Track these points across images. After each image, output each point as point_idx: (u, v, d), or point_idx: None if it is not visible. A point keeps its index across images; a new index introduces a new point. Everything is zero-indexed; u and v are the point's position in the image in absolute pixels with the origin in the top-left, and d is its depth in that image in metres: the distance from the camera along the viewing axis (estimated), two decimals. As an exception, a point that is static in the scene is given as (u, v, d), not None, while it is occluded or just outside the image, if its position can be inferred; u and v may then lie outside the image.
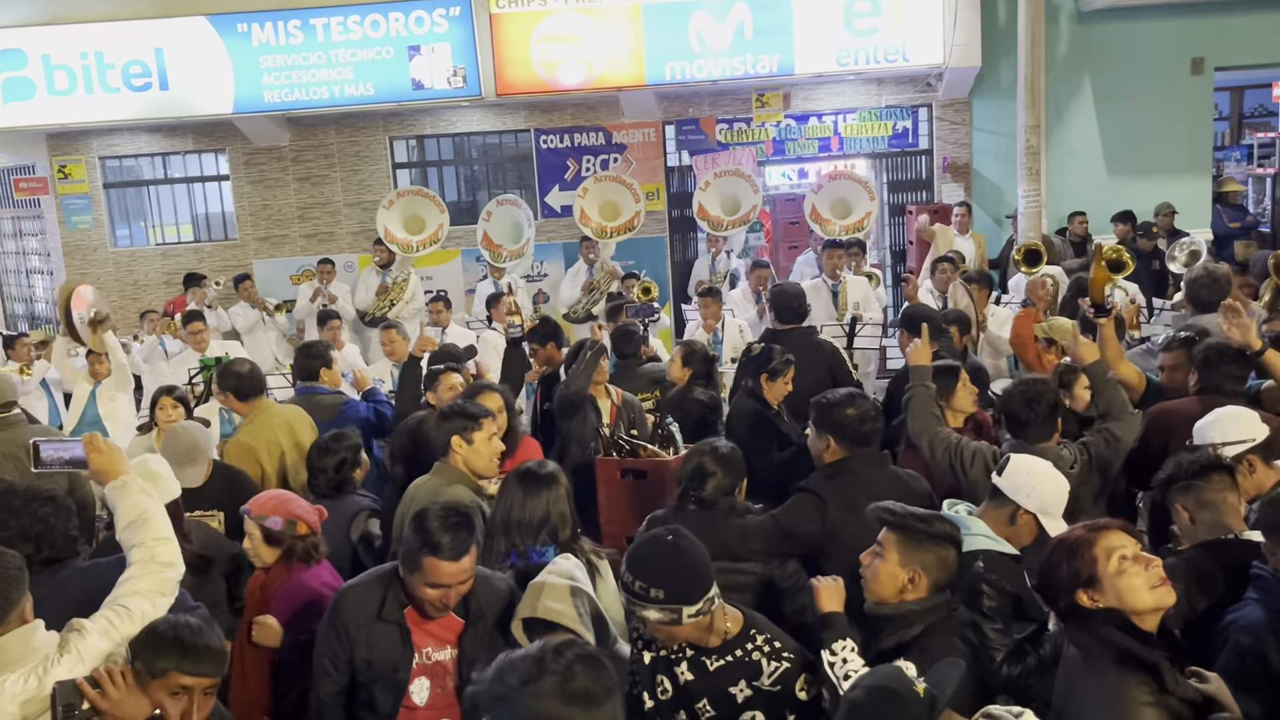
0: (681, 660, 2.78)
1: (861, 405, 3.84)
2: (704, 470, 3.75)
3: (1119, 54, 12.06)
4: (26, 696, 2.49)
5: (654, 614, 2.63)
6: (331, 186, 13.20)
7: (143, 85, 12.06)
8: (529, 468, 3.52)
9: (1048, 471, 3.35)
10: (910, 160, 12.97)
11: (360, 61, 11.94)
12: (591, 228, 10.44)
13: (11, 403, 5.65)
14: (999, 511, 3.34)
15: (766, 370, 5.22)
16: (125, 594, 2.78)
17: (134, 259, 13.56)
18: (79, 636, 2.62)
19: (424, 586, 2.93)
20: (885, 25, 11.62)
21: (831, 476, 3.80)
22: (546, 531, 3.37)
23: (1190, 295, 5.65)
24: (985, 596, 3.00)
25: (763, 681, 2.71)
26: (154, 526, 2.91)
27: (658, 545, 2.70)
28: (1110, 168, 12.32)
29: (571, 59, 11.79)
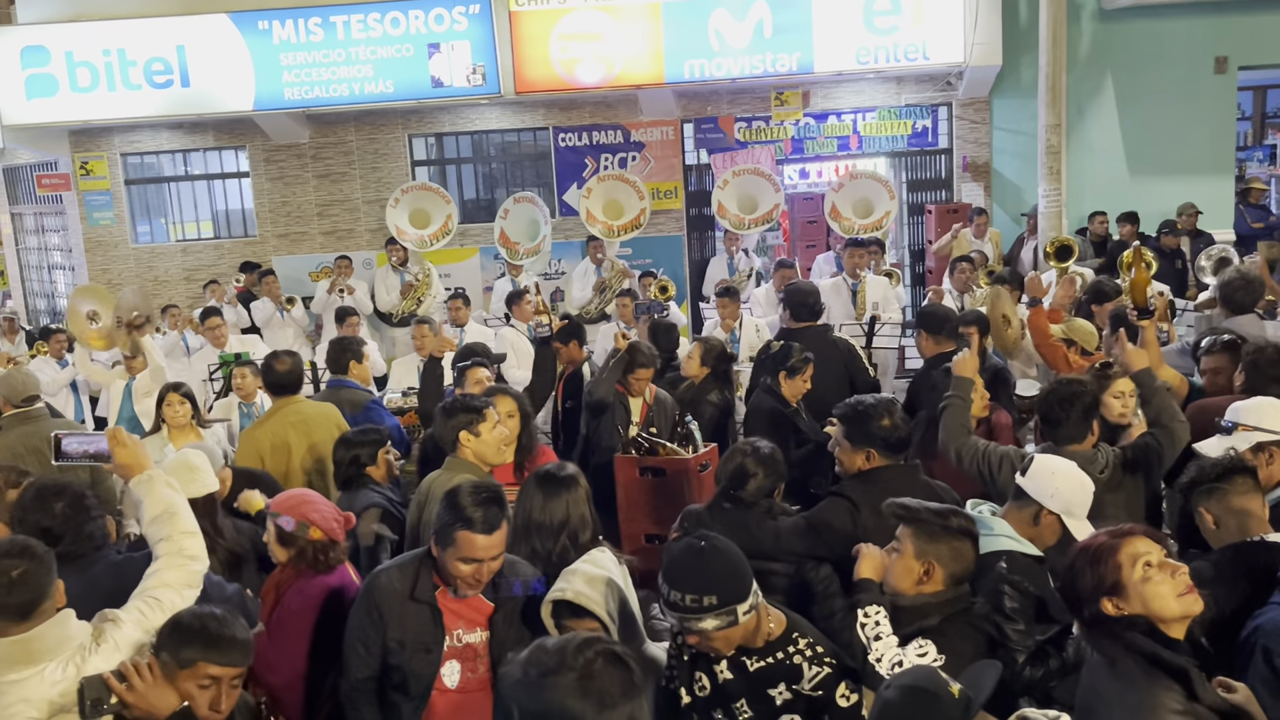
0: (721, 658, 2.75)
1: (894, 413, 3.81)
2: (745, 471, 3.76)
3: (1142, 53, 11.98)
4: (65, 686, 2.53)
5: (710, 623, 2.59)
6: (350, 184, 13.25)
7: (164, 82, 12.13)
8: (549, 470, 3.53)
9: (1071, 472, 3.33)
10: (929, 159, 12.92)
11: (380, 59, 11.97)
12: (599, 227, 10.44)
13: (34, 396, 5.71)
14: (1022, 512, 3.33)
15: (785, 368, 5.23)
16: (154, 586, 2.83)
17: (154, 255, 13.64)
18: (114, 626, 2.67)
19: (457, 562, 2.96)
20: (905, 24, 11.57)
21: (865, 482, 3.79)
22: (566, 534, 3.38)
23: (1224, 298, 5.60)
24: (1007, 597, 3.00)
25: (803, 685, 2.69)
26: (180, 520, 2.95)
27: (695, 553, 2.65)
28: (1132, 167, 12.24)
29: (590, 57, 11.79)
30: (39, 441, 5.18)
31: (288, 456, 5.16)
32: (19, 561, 2.56)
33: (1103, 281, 6.61)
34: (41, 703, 2.50)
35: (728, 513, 3.71)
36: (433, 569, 3.07)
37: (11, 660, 2.52)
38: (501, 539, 2.99)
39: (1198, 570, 3.00)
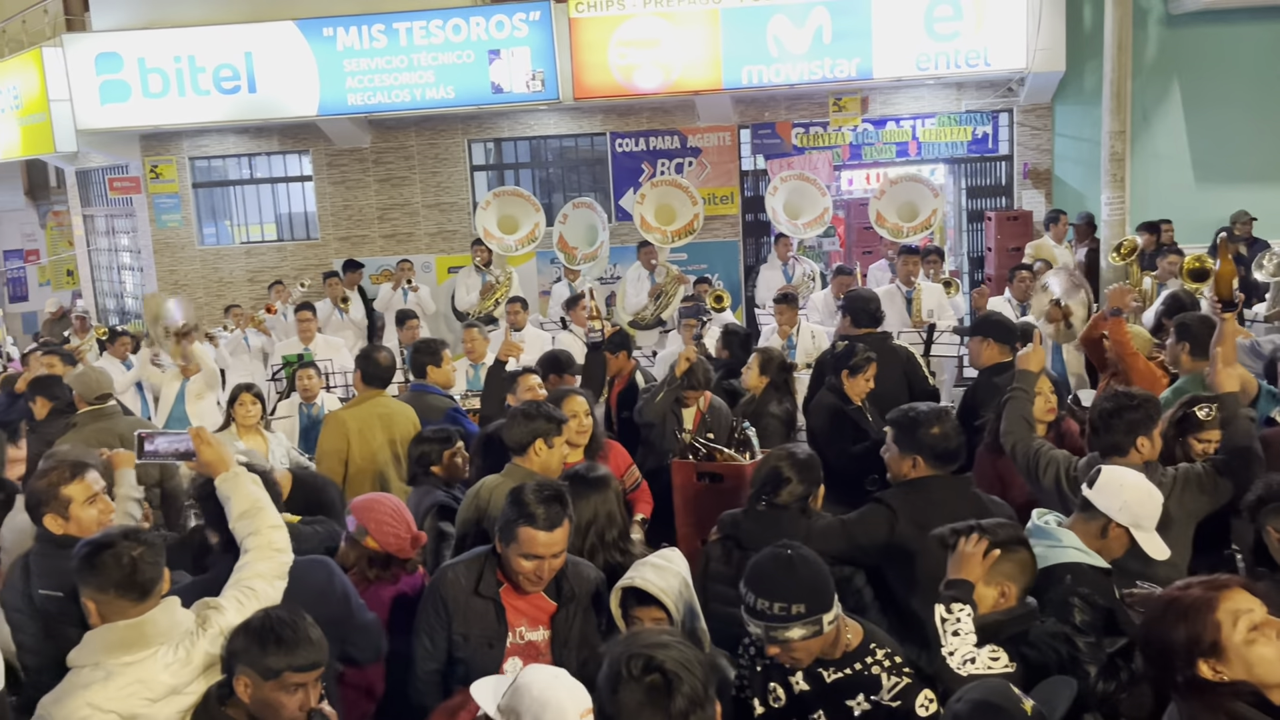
0: (797, 670, 2.75)
1: (946, 423, 3.76)
2: (780, 475, 3.75)
3: (1210, 58, 11.75)
4: (178, 667, 2.64)
5: (797, 632, 2.59)
6: (411, 188, 13.43)
7: (232, 88, 12.41)
8: (579, 471, 3.60)
9: (1140, 484, 3.25)
10: (990, 166, 12.78)
11: (441, 65, 12.13)
12: (654, 233, 10.47)
13: (107, 394, 5.88)
14: (1090, 524, 3.26)
15: (848, 366, 5.24)
16: (248, 577, 2.94)
17: (219, 257, 13.94)
18: (218, 613, 2.78)
19: (519, 558, 3.03)
20: (967, 29, 11.47)
21: (908, 491, 3.76)
22: (594, 532, 3.44)
23: None
24: (1077, 610, 2.94)
25: (882, 696, 2.68)
26: (267, 514, 3.07)
27: (782, 562, 2.66)
28: (1198, 175, 12.01)
29: (649, 63, 11.85)
30: (111, 438, 5.31)
31: (368, 444, 5.27)
32: (135, 544, 2.67)
33: (1178, 294, 6.41)
34: (156, 684, 2.60)
35: (762, 515, 3.71)
36: (497, 566, 3.14)
37: (127, 643, 2.61)
38: (563, 536, 3.05)
39: (1266, 592, 2.96)
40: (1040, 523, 3.30)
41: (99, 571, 2.64)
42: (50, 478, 3.36)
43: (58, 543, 3.29)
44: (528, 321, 8.94)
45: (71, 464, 3.42)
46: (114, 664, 2.60)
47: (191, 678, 2.66)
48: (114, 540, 2.67)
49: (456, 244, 13.11)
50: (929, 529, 3.54)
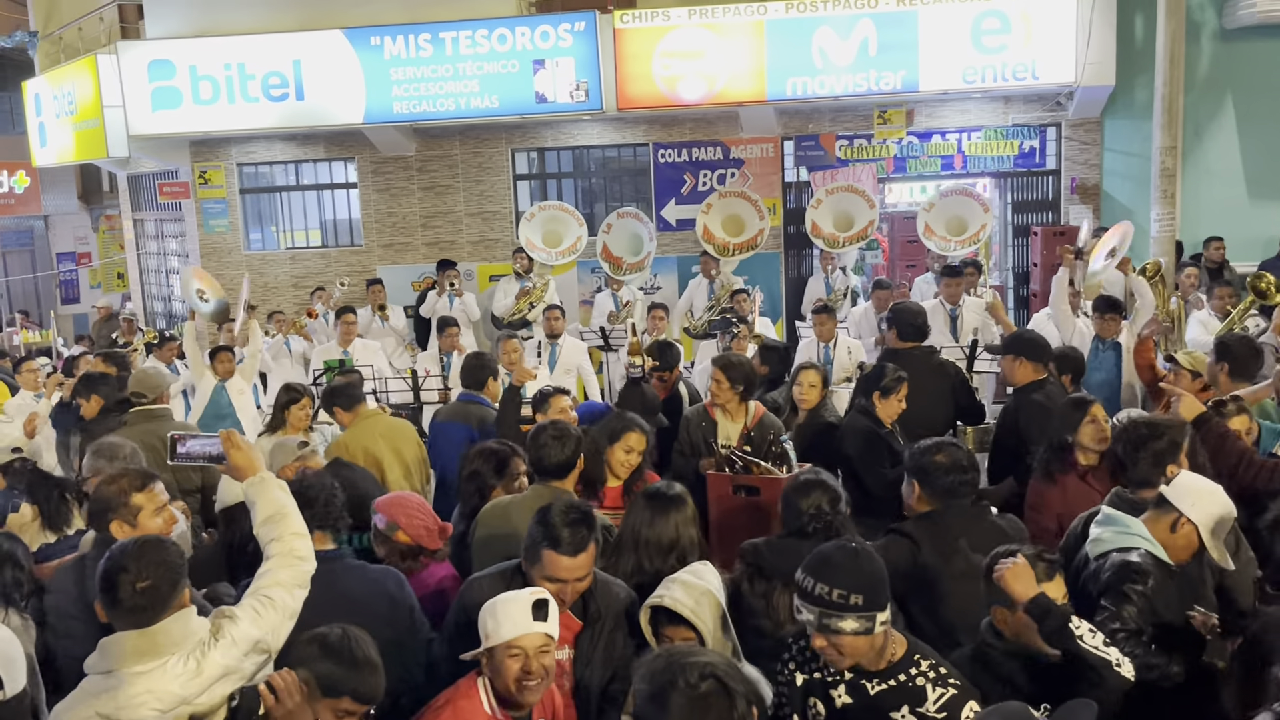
0: (839, 683, 2.73)
1: (953, 454, 3.70)
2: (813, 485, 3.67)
3: (1265, 74, 11.54)
4: (188, 677, 2.62)
5: (850, 624, 2.57)
6: (454, 196, 13.52)
7: (280, 95, 12.57)
8: (658, 488, 3.58)
9: (1215, 491, 3.37)
10: (1037, 180, 12.62)
11: (486, 74, 12.20)
12: (714, 244, 10.44)
13: (159, 395, 5.98)
14: (1162, 519, 3.35)
15: (879, 388, 5.16)
16: (267, 585, 2.92)
17: (265, 262, 14.11)
18: (231, 623, 2.76)
19: (543, 580, 3.01)
20: (1015, 43, 11.34)
21: (925, 522, 3.72)
22: (675, 555, 3.40)
23: None
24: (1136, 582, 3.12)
25: (928, 708, 2.65)
26: (291, 521, 3.05)
27: (847, 553, 2.67)
28: (1252, 192, 11.78)
29: (693, 74, 11.84)
30: (156, 440, 5.39)
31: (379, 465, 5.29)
32: (146, 573, 2.64)
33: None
34: (166, 695, 2.59)
35: (785, 543, 3.61)
36: (523, 583, 3.11)
37: (139, 652, 2.61)
38: (588, 561, 3.03)
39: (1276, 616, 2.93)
40: (1110, 511, 3.41)
41: (108, 592, 2.65)
42: (120, 484, 3.40)
43: None
44: (565, 330, 8.93)
45: (142, 473, 3.49)
46: (125, 672, 2.59)
47: (202, 689, 2.64)
48: (128, 565, 2.64)
49: (499, 252, 13.18)
50: (951, 558, 3.52)
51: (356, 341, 9.01)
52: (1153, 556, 3.23)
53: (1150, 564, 3.20)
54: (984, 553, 3.55)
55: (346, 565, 3.39)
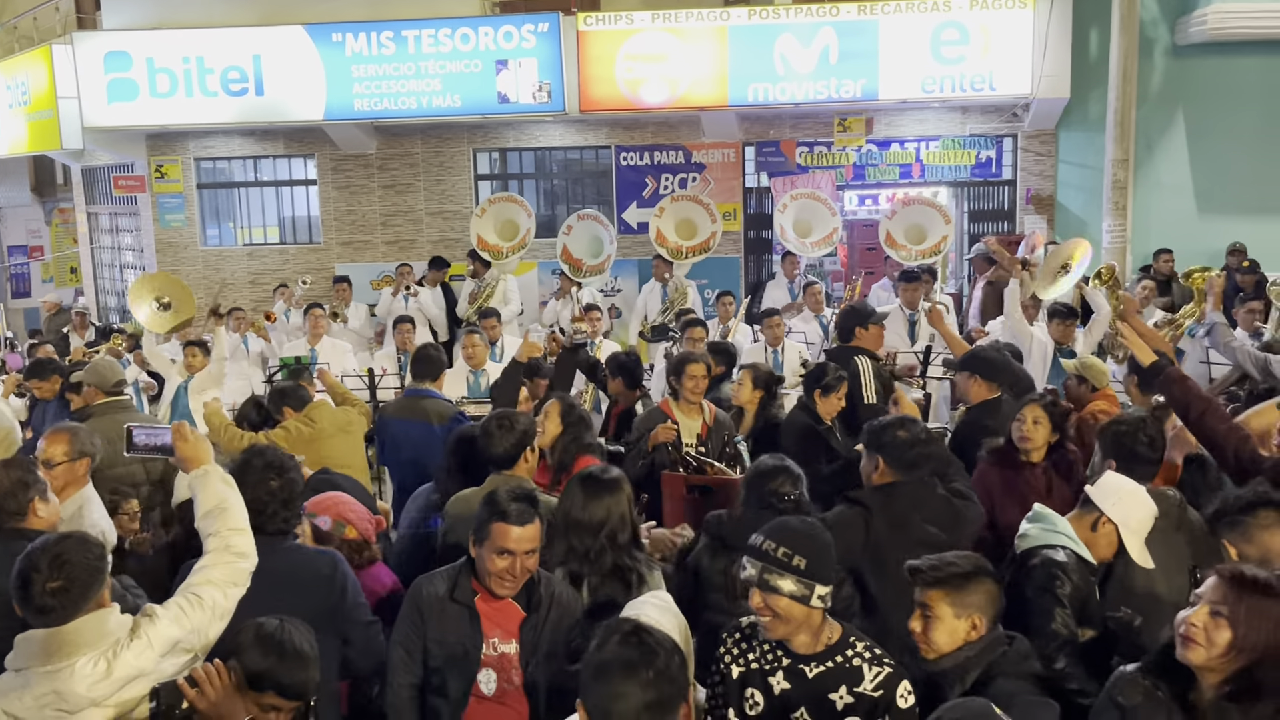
0: (777, 670, 2.78)
1: (912, 429, 3.84)
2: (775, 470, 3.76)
3: (1214, 89, 11.79)
4: (95, 679, 2.54)
5: (789, 584, 2.66)
6: (415, 195, 13.47)
7: (240, 90, 12.45)
8: (593, 472, 3.59)
9: (1137, 490, 3.47)
10: (992, 190, 12.81)
11: (448, 74, 12.17)
12: (668, 248, 10.46)
13: (122, 384, 5.94)
14: (1085, 518, 3.45)
15: (820, 385, 5.25)
16: (198, 582, 2.84)
17: (222, 258, 13.97)
18: (150, 622, 2.67)
19: (493, 555, 3.05)
20: (973, 54, 11.51)
21: (879, 494, 3.82)
22: (605, 534, 3.42)
23: None
24: (1060, 581, 3.17)
25: (865, 687, 2.72)
26: (231, 517, 2.98)
27: (804, 522, 2.80)
28: (1200, 205, 12.04)
29: (655, 77, 11.89)
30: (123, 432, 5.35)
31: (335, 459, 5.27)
32: (58, 574, 2.57)
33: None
34: (71, 696, 2.51)
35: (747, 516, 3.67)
36: (471, 574, 3.15)
37: (47, 652, 2.53)
38: (534, 535, 3.08)
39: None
40: (1041, 508, 3.50)
41: (20, 590, 2.59)
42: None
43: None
44: (503, 334, 8.87)
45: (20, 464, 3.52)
46: (33, 672, 2.53)
47: (111, 691, 2.55)
48: (40, 565, 2.57)
49: (459, 252, 13.13)
50: (904, 530, 3.64)
51: (325, 340, 8.92)
52: (1076, 555, 3.31)
53: (1073, 563, 3.28)
54: (936, 526, 3.70)
55: (284, 545, 3.36)
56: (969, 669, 2.81)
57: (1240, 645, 2.35)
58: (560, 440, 4.55)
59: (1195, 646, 2.40)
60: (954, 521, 3.81)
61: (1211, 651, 2.37)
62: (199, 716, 2.54)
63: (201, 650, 2.76)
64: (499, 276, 10.87)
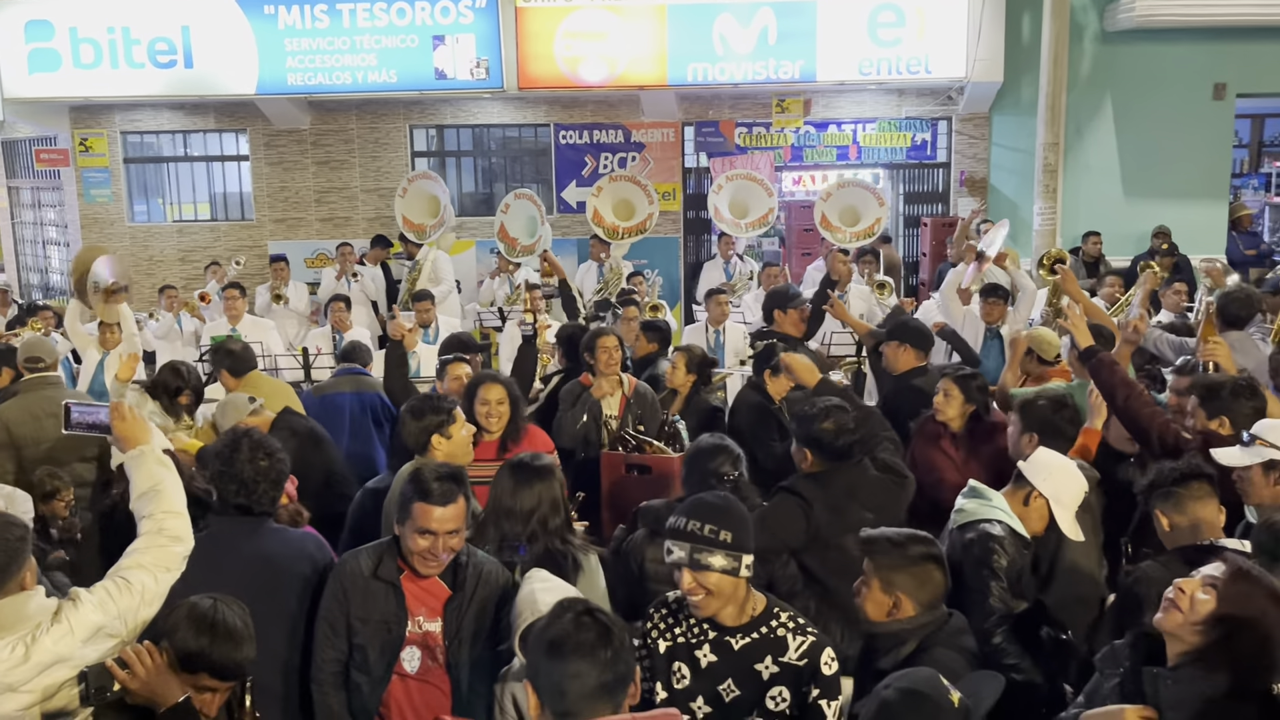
0: (704, 643, 2.80)
1: (840, 418, 3.86)
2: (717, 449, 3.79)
3: (1142, 76, 12.05)
4: (12, 664, 2.46)
5: (720, 559, 2.67)
6: (350, 172, 13.26)
7: (168, 62, 12.14)
8: (523, 459, 3.58)
9: (1067, 466, 3.58)
10: (927, 173, 12.98)
11: (384, 49, 11.99)
12: (604, 228, 10.43)
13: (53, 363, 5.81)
14: (1017, 493, 3.54)
15: (769, 366, 5.30)
16: (129, 566, 2.77)
17: (150, 235, 13.64)
18: (72, 606, 2.59)
19: (414, 535, 3.03)
20: (909, 36, 11.63)
21: (814, 481, 3.86)
22: (536, 520, 3.42)
23: (1222, 311, 5.52)
24: (996, 555, 3.28)
25: (789, 656, 2.75)
26: (165, 499, 2.90)
27: (719, 497, 2.82)
28: (1127, 189, 12.32)
29: (594, 56, 11.83)
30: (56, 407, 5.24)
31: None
32: None
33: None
34: None
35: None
36: (397, 552, 3.14)
37: None
38: (456, 514, 3.04)
39: (1147, 571, 3.11)
40: (976, 484, 3.59)
41: None
42: None
43: None
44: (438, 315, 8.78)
45: None
46: None
47: (29, 677, 2.47)
48: None
49: (395, 230, 12.95)
50: (844, 514, 3.69)
51: (246, 318, 8.77)
52: (1011, 529, 3.40)
53: (1009, 537, 3.38)
54: (872, 508, 3.75)
55: (270, 527, 3.33)
56: (905, 639, 2.87)
57: (1217, 619, 2.36)
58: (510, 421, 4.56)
59: (1174, 612, 2.42)
60: (890, 502, 3.87)
61: (1190, 618, 2.39)
62: (131, 698, 2.49)
63: (129, 635, 2.69)
64: (429, 255, 10.73)
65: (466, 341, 5.97)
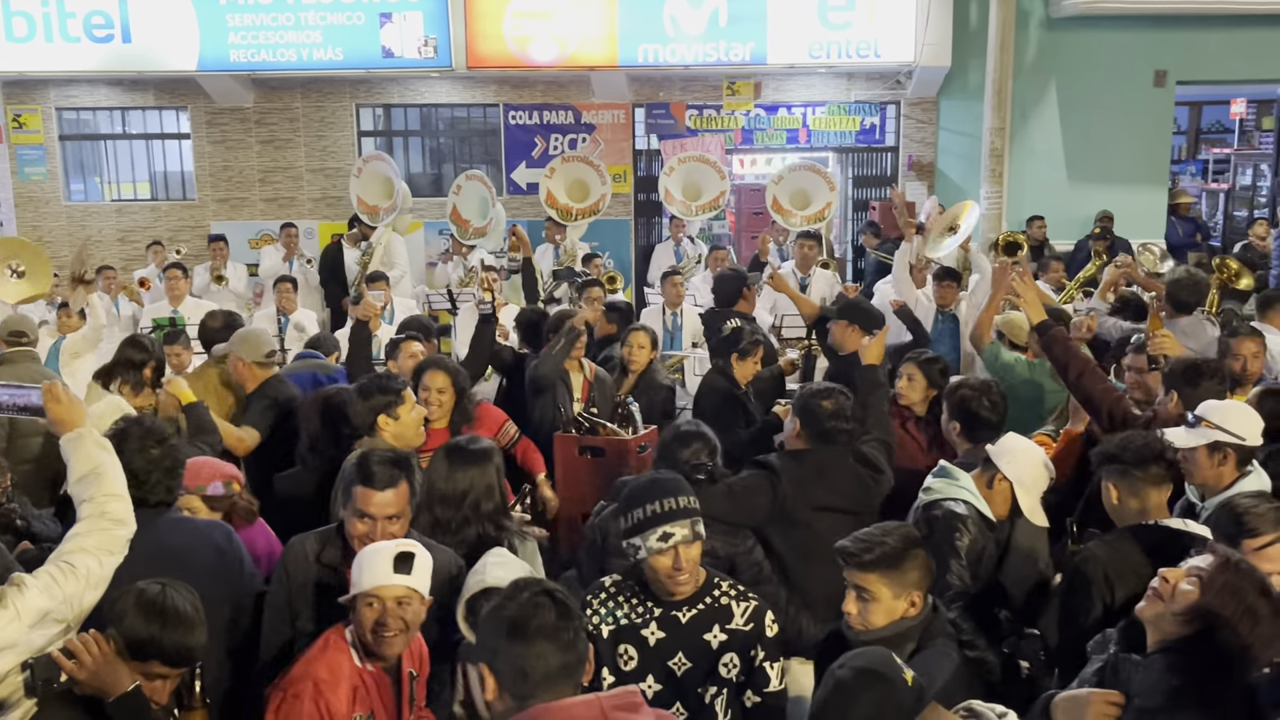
0: (650, 621, 2.80)
1: (840, 402, 3.87)
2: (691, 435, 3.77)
3: (1085, 62, 12.22)
4: None
5: (682, 529, 2.69)
6: (295, 151, 13.03)
7: (105, 36, 11.82)
8: (459, 442, 3.56)
9: (1033, 450, 3.64)
10: (876, 156, 13.06)
11: (330, 25, 11.78)
12: (557, 209, 10.37)
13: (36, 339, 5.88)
14: (983, 476, 3.60)
15: (737, 350, 5.30)
16: (71, 550, 2.70)
17: (88, 214, 13.30)
18: (17, 592, 2.53)
19: (354, 519, 3.00)
20: (858, 20, 11.68)
21: (789, 458, 3.86)
22: (468, 504, 3.40)
23: (1171, 296, 5.59)
24: (960, 534, 3.32)
25: (736, 623, 2.79)
26: (106, 482, 2.83)
27: (654, 476, 2.87)
28: (1071, 174, 12.50)
29: (544, 35, 11.73)
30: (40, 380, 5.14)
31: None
32: None
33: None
34: None
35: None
36: (339, 540, 3.11)
37: None
38: (398, 499, 3.01)
39: (1094, 550, 3.14)
40: (946, 465, 3.65)
41: None
42: None
43: None
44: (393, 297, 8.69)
45: None
46: None
47: None
48: None
49: (341, 210, 12.76)
50: (809, 491, 3.68)
51: (188, 300, 8.59)
52: (977, 510, 3.45)
53: (974, 516, 3.43)
54: (842, 495, 3.75)
55: (170, 518, 3.23)
56: (908, 639, 2.73)
57: (1198, 611, 2.33)
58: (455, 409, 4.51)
59: (1156, 600, 2.41)
60: (863, 495, 3.83)
61: (1171, 607, 2.37)
62: (80, 689, 2.43)
63: (75, 621, 2.63)
64: (383, 238, 10.57)
65: (425, 325, 5.91)
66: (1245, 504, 2.90)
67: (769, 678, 2.78)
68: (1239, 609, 2.30)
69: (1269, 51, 12.03)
